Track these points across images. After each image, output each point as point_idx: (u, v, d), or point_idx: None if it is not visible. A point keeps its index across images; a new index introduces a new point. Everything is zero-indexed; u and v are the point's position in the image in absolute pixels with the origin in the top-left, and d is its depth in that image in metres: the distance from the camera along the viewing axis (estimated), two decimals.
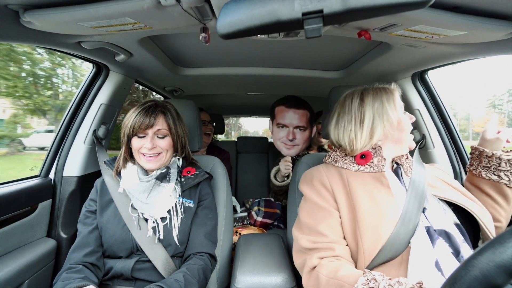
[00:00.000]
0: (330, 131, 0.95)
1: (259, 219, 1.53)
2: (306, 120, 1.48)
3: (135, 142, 0.97)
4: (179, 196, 1.00)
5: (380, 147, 0.85)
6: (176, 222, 0.95)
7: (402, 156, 0.90)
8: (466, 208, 0.77)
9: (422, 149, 1.44)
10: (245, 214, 1.66)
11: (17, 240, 1.08)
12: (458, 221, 0.77)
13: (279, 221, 1.61)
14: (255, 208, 1.59)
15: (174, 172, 1.02)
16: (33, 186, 1.17)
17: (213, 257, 1.00)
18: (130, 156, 1.02)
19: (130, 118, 0.96)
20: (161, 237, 0.92)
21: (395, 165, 0.89)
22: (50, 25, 0.78)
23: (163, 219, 0.95)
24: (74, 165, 1.31)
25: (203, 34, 0.82)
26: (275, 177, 1.55)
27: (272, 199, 1.64)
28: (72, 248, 0.92)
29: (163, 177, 0.99)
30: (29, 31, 0.78)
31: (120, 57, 1.15)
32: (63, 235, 1.24)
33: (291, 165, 1.45)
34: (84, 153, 1.33)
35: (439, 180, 0.88)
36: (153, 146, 0.96)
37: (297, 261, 0.83)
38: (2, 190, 1.03)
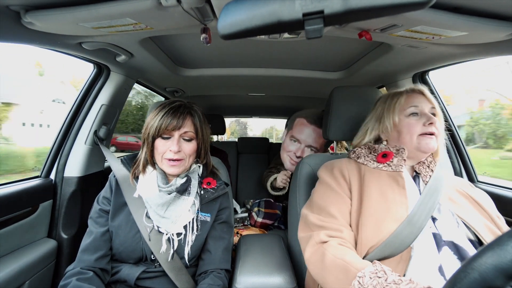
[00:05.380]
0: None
1: (259, 219, 1.53)
2: (322, 143, 1.41)
3: (160, 144, 0.91)
4: (198, 210, 0.95)
5: (404, 149, 0.87)
6: (190, 239, 0.91)
7: (423, 163, 0.89)
8: (472, 229, 0.74)
9: None
10: (246, 214, 1.66)
11: (18, 240, 1.08)
12: (473, 237, 0.74)
13: (279, 221, 1.60)
14: (255, 209, 1.58)
15: (195, 183, 0.97)
16: (34, 186, 1.17)
17: (228, 272, 0.98)
18: (151, 158, 0.96)
19: (157, 118, 0.90)
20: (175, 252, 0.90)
21: (414, 173, 0.89)
22: (51, 26, 0.78)
23: (178, 234, 0.91)
24: (75, 166, 1.31)
25: (204, 35, 0.82)
26: (271, 184, 1.51)
27: (272, 200, 1.64)
28: (84, 248, 0.89)
29: (184, 190, 0.94)
30: (30, 32, 0.79)
31: (121, 57, 1.15)
32: (64, 236, 1.24)
33: (289, 180, 1.40)
34: (85, 153, 1.33)
35: (461, 194, 0.85)
36: (179, 150, 0.90)
37: (301, 233, 0.84)
38: (3, 190, 1.03)
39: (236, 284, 0.89)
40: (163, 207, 0.91)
